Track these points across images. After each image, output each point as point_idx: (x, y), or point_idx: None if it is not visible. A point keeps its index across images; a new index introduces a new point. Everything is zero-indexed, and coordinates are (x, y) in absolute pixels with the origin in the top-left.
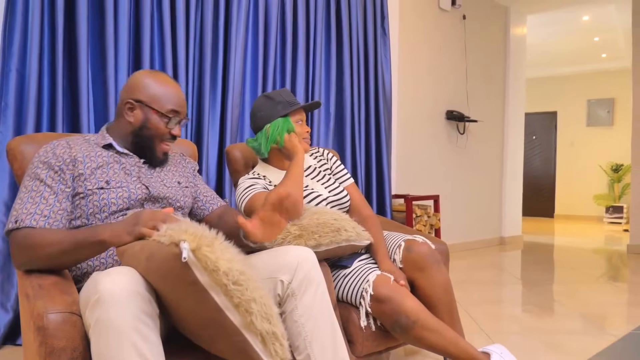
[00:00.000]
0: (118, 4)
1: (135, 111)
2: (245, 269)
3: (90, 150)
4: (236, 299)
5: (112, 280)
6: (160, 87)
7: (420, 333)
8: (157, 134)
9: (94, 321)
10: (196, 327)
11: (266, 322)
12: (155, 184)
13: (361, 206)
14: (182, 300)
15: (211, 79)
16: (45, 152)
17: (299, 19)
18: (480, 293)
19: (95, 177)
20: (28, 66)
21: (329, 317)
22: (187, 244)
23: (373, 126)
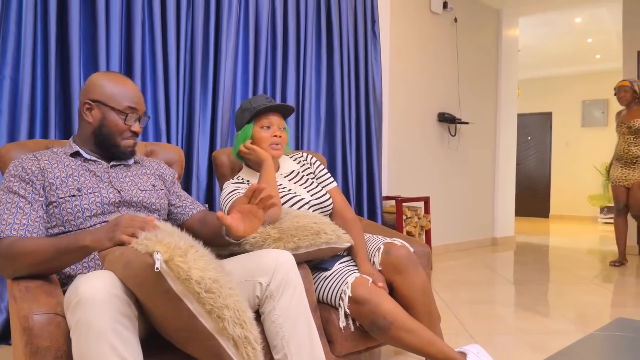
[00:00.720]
0: (110, 11)
1: (93, 111)
2: (218, 277)
3: (58, 160)
4: (208, 306)
5: (92, 284)
6: (116, 85)
7: (397, 333)
8: (116, 131)
9: (75, 322)
10: (172, 331)
11: (238, 327)
12: (128, 187)
13: (343, 209)
14: (157, 306)
15: (202, 83)
16: (14, 166)
17: (290, 24)
18: (468, 293)
19: (66, 185)
20: (21, 73)
21: (306, 318)
22: (160, 254)
23: (364, 129)
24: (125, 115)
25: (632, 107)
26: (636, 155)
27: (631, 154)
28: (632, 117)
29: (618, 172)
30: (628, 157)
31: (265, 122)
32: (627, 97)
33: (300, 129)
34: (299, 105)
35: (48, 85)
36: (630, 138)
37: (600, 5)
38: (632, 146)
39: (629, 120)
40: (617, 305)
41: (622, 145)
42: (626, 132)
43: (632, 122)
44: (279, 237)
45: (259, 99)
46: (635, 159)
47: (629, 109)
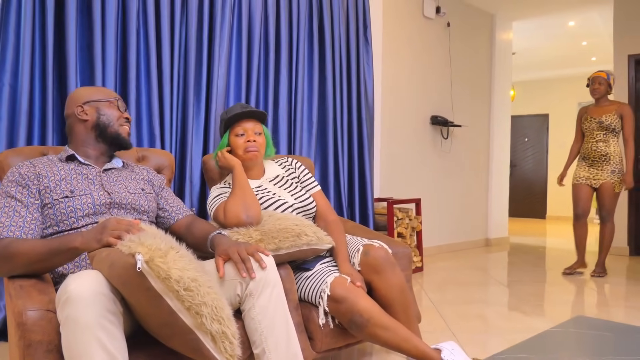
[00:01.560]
0: (105, 19)
1: (87, 109)
2: (197, 276)
3: (53, 165)
4: (187, 303)
5: (80, 282)
6: (96, 88)
7: (374, 331)
8: (113, 118)
9: (64, 318)
10: (154, 326)
11: (216, 323)
12: (118, 190)
13: (326, 212)
14: (140, 303)
15: (195, 89)
16: (11, 172)
17: (282, 30)
18: (456, 293)
19: (60, 188)
20: (20, 80)
21: (284, 315)
22: (142, 255)
23: (355, 132)
24: (115, 103)
25: (603, 101)
26: (605, 153)
27: (599, 151)
28: (603, 112)
29: (585, 171)
30: (596, 156)
31: (239, 130)
32: (601, 90)
33: (292, 133)
34: (291, 109)
35: (46, 92)
36: (599, 135)
37: (592, 9)
38: (600, 143)
39: (599, 116)
40: (602, 304)
41: (589, 143)
42: (596, 128)
43: (604, 118)
44: (261, 239)
45: (234, 108)
46: (604, 157)
47: (598, 104)
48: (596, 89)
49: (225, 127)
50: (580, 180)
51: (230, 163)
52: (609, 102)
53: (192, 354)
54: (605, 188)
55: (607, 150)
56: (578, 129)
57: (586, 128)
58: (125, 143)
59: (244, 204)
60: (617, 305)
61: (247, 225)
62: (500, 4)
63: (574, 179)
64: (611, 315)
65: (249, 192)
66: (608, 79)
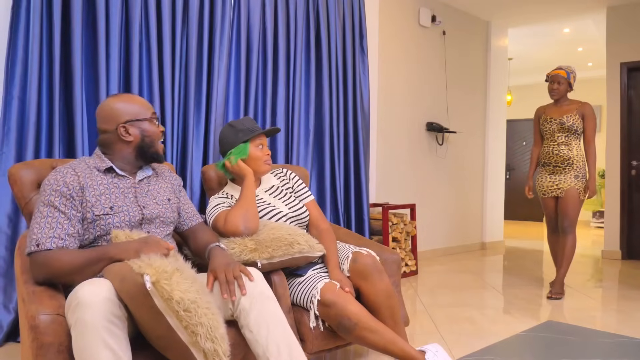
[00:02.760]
0: (109, 34)
1: (131, 130)
2: (197, 298)
3: (93, 177)
4: (185, 322)
5: (90, 288)
6: (131, 102)
7: (362, 333)
8: (154, 136)
9: (74, 321)
10: (153, 337)
11: (209, 342)
12: (149, 203)
13: (318, 221)
14: (143, 316)
15: (195, 100)
16: (55, 180)
17: (280, 42)
18: (447, 296)
19: (100, 203)
20: (28, 94)
21: (281, 324)
22: (149, 277)
23: (352, 140)
24: (154, 121)
25: (563, 101)
26: (567, 157)
27: (562, 156)
28: (564, 112)
29: (547, 182)
30: (558, 161)
31: (260, 142)
32: (561, 90)
33: (290, 142)
34: (288, 119)
35: (53, 105)
36: (560, 137)
37: (587, 17)
38: (563, 146)
39: (560, 116)
40: (589, 309)
41: (550, 146)
42: (557, 129)
43: (566, 119)
44: (255, 248)
45: (248, 121)
46: (566, 161)
47: (558, 104)
48: (555, 89)
49: (244, 138)
50: (545, 193)
51: (243, 172)
52: (570, 102)
53: None
54: (570, 195)
55: (569, 154)
56: (536, 131)
57: (546, 130)
58: (161, 160)
59: (245, 216)
60: (605, 309)
61: (244, 235)
62: (496, 11)
63: (538, 192)
64: (597, 319)
65: (252, 205)
66: (568, 77)
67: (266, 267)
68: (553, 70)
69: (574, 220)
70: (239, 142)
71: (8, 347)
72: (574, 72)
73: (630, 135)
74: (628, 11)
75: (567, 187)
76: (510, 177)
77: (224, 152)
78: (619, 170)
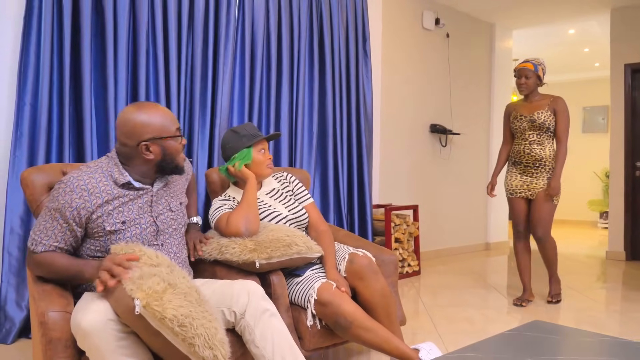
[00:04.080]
0: (118, 42)
1: (152, 148)
2: (191, 312)
3: (108, 190)
4: (181, 336)
5: (89, 317)
6: (156, 117)
7: (357, 332)
8: (176, 153)
9: (87, 348)
10: (155, 348)
11: (208, 349)
12: (162, 211)
13: (317, 223)
14: (141, 333)
15: (201, 105)
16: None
17: (283, 47)
18: (448, 296)
19: (112, 218)
20: (40, 100)
21: (286, 339)
22: (139, 301)
23: (355, 142)
24: (177, 137)
25: (533, 96)
26: (539, 157)
27: (534, 155)
28: (535, 108)
29: (517, 181)
30: (530, 160)
31: (261, 147)
32: (530, 84)
33: (293, 144)
34: (292, 122)
35: (63, 110)
36: (532, 135)
37: (590, 19)
38: (535, 145)
39: (530, 113)
40: (589, 310)
41: (521, 145)
42: (527, 127)
43: (536, 115)
44: (254, 248)
45: (250, 127)
46: (538, 162)
47: (528, 99)
48: (523, 83)
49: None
50: (514, 193)
51: (245, 175)
52: (541, 97)
53: None
54: (542, 198)
55: (542, 154)
56: (506, 129)
57: (516, 128)
58: (181, 172)
59: (246, 218)
60: (606, 311)
61: (245, 237)
62: (500, 14)
63: (507, 191)
64: (597, 320)
65: (254, 208)
66: (536, 69)
67: (265, 267)
68: (520, 64)
69: (547, 227)
70: (242, 147)
71: (21, 343)
72: (542, 64)
73: (634, 136)
74: (632, 13)
75: (539, 190)
76: None
77: (227, 157)
78: (623, 171)
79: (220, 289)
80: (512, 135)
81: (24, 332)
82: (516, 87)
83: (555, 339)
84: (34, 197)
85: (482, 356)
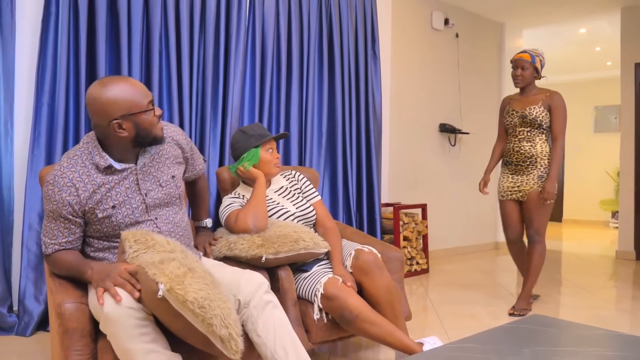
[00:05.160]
0: (131, 43)
1: (125, 125)
2: (209, 294)
3: (92, 180)
4: (201, 317)
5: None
6: (124, 92)
7: (362, 325)
8: (150, 126)
9: (109, 334)
10: (174, 329)
11: (224, 329)
12: (152, 187)
13: (325, 219)
14: (162, 315)
15: (212, 104)
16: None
17: (293, 47)
18: (455, 294)
19: (102, 205)
20: (57, 100)
21: (287, 329)
22: (163, 285)
23: (364, 142)
24: (150, 110)
25: (529, 90)
26: (530, 154)
27: (523, 152)
28: (528, 103)
29: (508, 182)
30: (520, 158)
31: (269, 146)
32: (526, 76)
33: (303, 144)
34: (302, 122)
35: (79, 110)
36: (523, 132)
37: (601, 18)
38: (524, 142)
39: (522, 108)
40: (596, 308)
41: (511, 142)
42: (519, 123)
43: (528, 110)
44: (262, 244)
45: (258, 127)
46: (529, 159)
47: (524, 93)
48: (519, 75)
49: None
50: (504, 195)
51: (254, 175)
52: (537, 91)
53: (204, 348)
54: (533, 199)
55: (532, 151)
56: (501, 123)
57: (508, 123)
58: (161, 140)
59: (254, 215)
60: (613, 309)
61: (253, 233)
62: (509, 13)
63: (498, 192)
64: (603, 318)
65: (262, 205)
66: (533, 61)
67: (272, 262)
68: (516, 54)
69: (541, 227)
70: (251, 147)
71: (39, 335)
72: (540, 56)
73: None
74: None
75: (530, 190)
76: None
77: (236, 156)
78: (634, 171)
79: (229, 276)
80: (506, 131)
81: (42, 325)
82: (512, 78)
83: (552, 332)
84: None
85: (480, 347)
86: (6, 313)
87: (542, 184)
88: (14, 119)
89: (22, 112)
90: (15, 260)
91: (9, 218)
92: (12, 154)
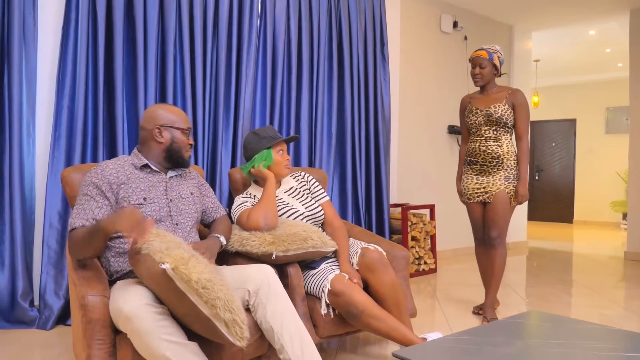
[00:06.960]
0: (147, 49)
1: (164, 133)
2: (212, 277)
3: (130, 173)
4: (204, 298)
5: (130, 303)
6: (173, 113)
7: (367, 320)
8: (182, 145)
9: (129, 331)
10: (181, 315)
11: (228, 313)
12: (175, 197)
13: (333, 219)
14: (169, 299)
15: (224, 107)
16: (96, 173)
17: (303, 51)
18: (462, 293)
19: (135, 195)
20: (76, 104)
21: (293, 317)
22: (169, 264)
23: (372, 143)
24: (186, 133)
25: (490, 88)
26: (497, 154)
27: (490, 152)
28: (491, 101)
29: (473, 183)
30: (486, 159)
31: (280, 148)
32: (485, 73)
33: (313, 146)
34: (312, 124)
35: (97, 113)
36: (489, 131)
37: (611, 20)
38: (491, 142)
39: (486, 106)
40: (598, 307)
41: (476, 142)
42: (483, 122)
43: (493, 109)
44: (272, 242)
45: (270, 129)
46: (495, 159)
47: (485, 92)
48: (477, 73)
49: (267, 145)
50: (470, 197)
51: (265, 175)
52: (498, 89)
53: (210, 336)
54: (499, 200)
55: (499, 151)
56: (462, 124)
57: (471, 123)
58: (186, 165)
59: (265, 213)
60: (620, 309)
61: (264, 231)
62: (518, 16)
63: (464, 195)
64: (607, 318)
65: (273, 204)
66: (491, 58)
67: (282, 259)
68: (474, 52)
69: (503, 230)
70: (262, 149)
71: (58, 329)
72: (497, 52)
73: None
74: None
75: (497, 191)
76: (539, 177)
77: (248, 157)
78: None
79: (237, 271)
80: (468, 131)
81: (61, 319)
82: (471, 77)
83: (547, 326)
84: (72, 194)
85: (476, 339)
86: (28, 307)
87: (510, 186)
88: (36, 122)
89: (43, 115)
90: (37, 257)
91: (30, 217)
92: (34, 155)
